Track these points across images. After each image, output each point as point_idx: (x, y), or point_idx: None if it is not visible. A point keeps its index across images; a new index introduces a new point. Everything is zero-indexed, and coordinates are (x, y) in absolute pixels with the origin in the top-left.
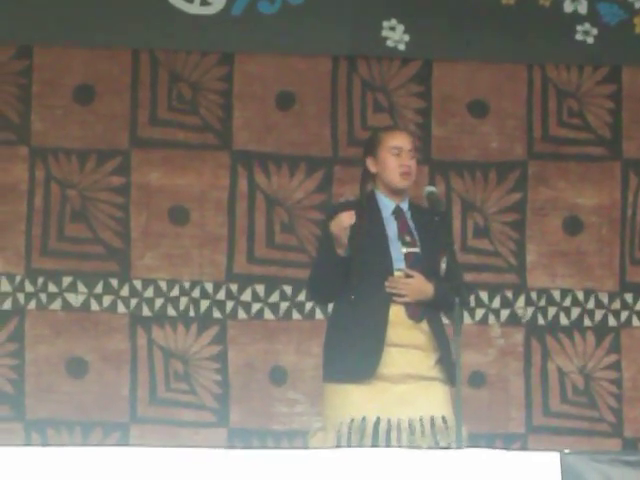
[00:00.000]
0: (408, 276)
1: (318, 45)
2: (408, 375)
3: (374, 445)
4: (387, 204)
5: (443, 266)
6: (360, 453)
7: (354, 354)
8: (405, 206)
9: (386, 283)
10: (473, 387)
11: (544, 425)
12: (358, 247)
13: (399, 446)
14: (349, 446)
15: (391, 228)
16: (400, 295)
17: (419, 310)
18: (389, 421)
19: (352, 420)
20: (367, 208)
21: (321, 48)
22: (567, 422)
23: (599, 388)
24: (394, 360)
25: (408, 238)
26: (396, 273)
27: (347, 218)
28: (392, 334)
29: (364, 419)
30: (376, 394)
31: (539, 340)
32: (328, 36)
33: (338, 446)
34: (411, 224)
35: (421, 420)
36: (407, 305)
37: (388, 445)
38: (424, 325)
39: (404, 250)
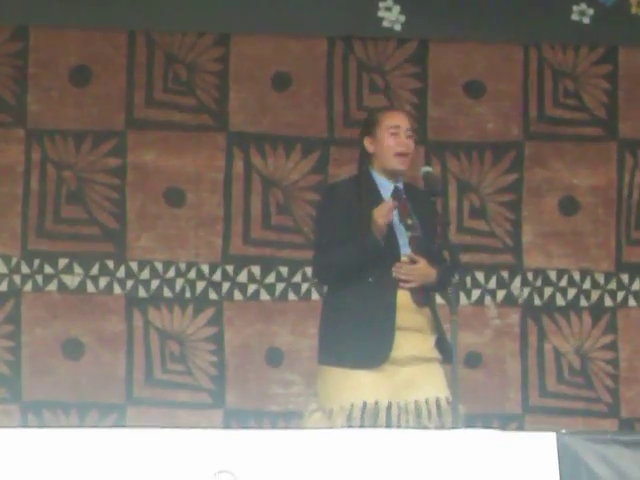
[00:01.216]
0: (413, 261)
1: (314, 26)
2: (413, 357)
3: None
4: (385, 185)
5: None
6: (356, 434)
7: (364, 339)
8: (401, 185)
9: (393, 269)
10: (469, 368)
11: (541, 405)
12: (363, 231)
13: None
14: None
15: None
16: (407, 281)
17: (424, 295)
18: (398, 405)
19: (365, 404)
20: (368, 188)
21: (317, 29)
22: (563, 402)
23: (595, 368)
24: (400, 343)
25: (410, 221)
26: (402, 258)
27: (389, 207)
28: (398, 318)
29: (377, 403)
30: (385, 377)
31: (535, 320)
32: (324, 17)
33: (349, 427)
34: (409, 206)
35: (427, 402)
36: (412, 290)
37: (398, 428)
38: (426, 308)
39: (408, 234)
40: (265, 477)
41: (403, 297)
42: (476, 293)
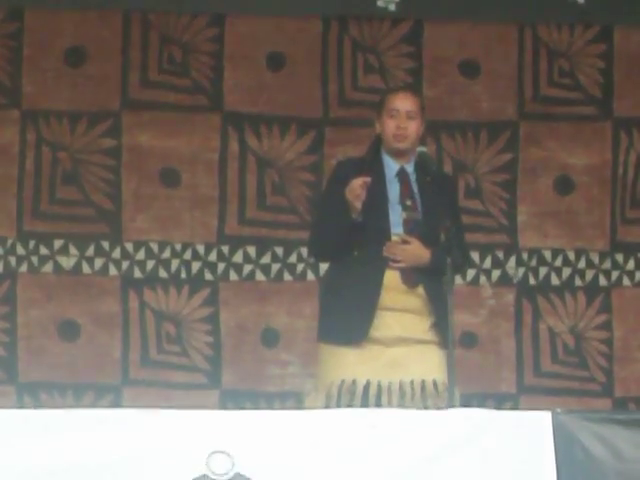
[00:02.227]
0: (405, 241)
1: (308, 6)
2: (401, 338)
3: (363, 407)
4: (391, 165)
5: (443, 232)
6: (352, 414)
7: (347, 317)
8: (410, 168)
9: (384, 247)
10: (464, 348)
11: (535, 385)
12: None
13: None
14: (338, 406)
15: (393, 190)
16: (396, 260)
17: (414, 276)
18: (379, 384)
19: (343, 382)
20: (372, 167)
21: (311, 9)
22: (558, 382)
23: (590, 348)
24: (387, 324)
25: (409, 202)
26: (393, 238)
27: (359, 184)
28: (386, 298)
29: (354, 382)
30: (368, 357)
31: (530, 300)
32: None
33: (327, 407)
34: (415, 187)
35: (412, 383)
36: (402, 270)
37: (378, 407)
38: (420, 290)
39: (404, 215)
40: (261, 457)
41: (392, 277)
42: (471, 273)
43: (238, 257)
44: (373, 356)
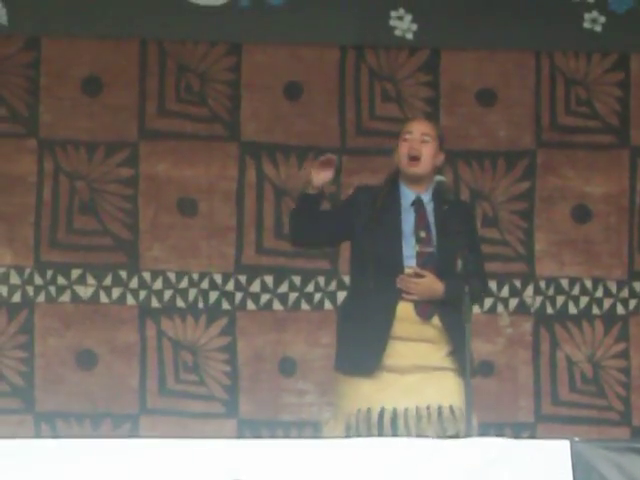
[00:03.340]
0: (418, 275)
1: (326, 35)
2: (417, 366)
3: (380, 435)
4: (407, 194)
5: (460, 262)
6: (368, 442)
7: (360, 347)
8: (427, 197)
9: (397, 280)
10: (482, 376)
11: (553, 414)
12: (372, 237)
13: (406, 435)
14: (357, 436)
15: (408, 221)
16: (409, 293)
17: (428, 308)
18: (395, 410)
19: (359, 411)
20: (387, 196)
21: (329, 38)
22: (576, 411)
23: (607, 377)
24: (401, 352)
25: (423, 234)
26: (407, 270)
27: (324, 159)
28: (400, 329)
29: (369, 410)
30: (383, 385)
31: (548, 329)
32: (336, 26)
33: (347, 436)
34: (431, 217)
35: (428, 409)
36: (416, 303)
37: (395, 434)
38: (435, 320)
39: (417, 247)
40: None
41: (406, 309)
42: (489, 301)
43: (255, 286)
44: (388, 384)
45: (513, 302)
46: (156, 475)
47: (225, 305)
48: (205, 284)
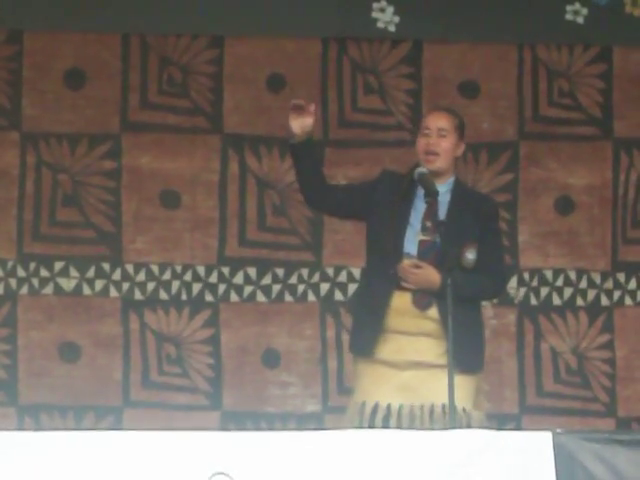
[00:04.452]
0: (417, 266)
1: (308, 27)
2: (414, 362)
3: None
4: None
5: (470, 257)
6: (351, 435)
7: (360, 335)
8: (444, 188)
9: (397, 268)
10: None
11: (538, 405)
12: (380, 222)
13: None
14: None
15: (418, 210)
16: (406, 282)
17: (425, 298)
18: (389, 407)
19: (355, 403)
20: (409, 185)
21: (311, 30)
22: (561, 402)
23: (592, 368)
24: (400, 348)
25: (429, 224)
26: (405, 260)
27: (297, 105)
28: (399, 322)
29: (364, 403)
30: (379, 380)
31: (532, 320)
32: (318, 18)
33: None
34: (443, 209)
35: (421, 408)
36: (414, 293)
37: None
38: (433, 313)
39: (420, 236)
40: (262, 479)
41: (403, 299)
42: None
43: (239, 278)
44: (384, 379)
45: None
46: (140, 467)
47: (208, 297)
48: (188, 276)
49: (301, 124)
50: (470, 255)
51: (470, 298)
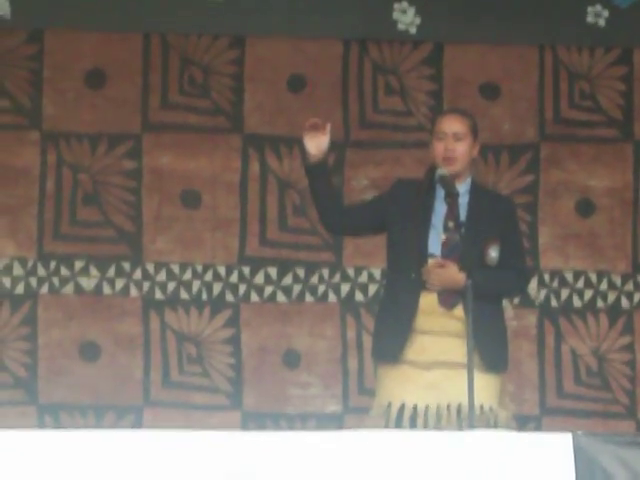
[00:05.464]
0: (441, 265)
1: (329, 28)
2: (440, 362)
3: (398, 430)
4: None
5: (493, 254)
6: (371, 436)
7: (387, 338)
8: (463, 188)
9: (421, 270)
10: None
11: (558, 407)
12: (402, 228)
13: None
14: (376, 429)
15: (439, 211)
16: (431, 284)
17: (451, 298)
18: (415, 407)
19: (380, 405)
20: (428, 191)
21: (332, 31)
22: (581, 404)
23: (613, 370)
24: (425, 347)
25: (451, 224)
26: (430, 261)
27: (313, 122)
28: (424, 322)
29: (390, 404)
30: (406, 380)
31: (552, 322)
32: (339, 19)
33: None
34: (463, 209)
35: (448, 407)
36: (440, 293)
37: (413, 430)
38: (459, 312)
39: (443, 237)
40: (282, 479)
41: (429, 300)
42: None
43: (259, 278)
44: (410, 379)
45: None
46: (160, 467)
47: (229, 297)
48: (209, 276)
49: (317, 144)
50: (493, 252)
51: (494, 295)
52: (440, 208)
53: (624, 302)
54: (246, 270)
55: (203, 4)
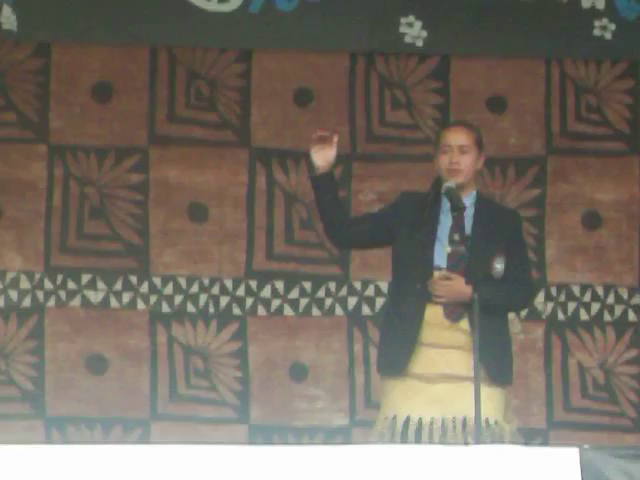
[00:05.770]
0: (447, 278)
1: (336, 41)
2: (445, 375)
3: (403, 443)
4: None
5: (498, 267)
6: (379, 450)
7: (392, 351)
8: (468, 201)
9: (427, 283)
10: None
11: (565, 420)
12: (408, 241)
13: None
14: (382, 443)
15: (445, 224)
16: (437, 296)
17: (457, 310)
18: (420, 420)
19: (385, 418)
20: (434, 204)
21: (339, 44)
22: (588, 417)
23: (620, 383)
24: (431, 361)
25: (457, 237)
26: (436, 273)
27: (320, 134)
28: (429, 335)
29: (395, 417)
30: (411, 393)
31: (559, 335)
32: (346, 32)
33: (374, 442)
34: (468, 222)
35: (454, 420)
36: (445, 305)
37: (418, 444)
38: (464, 325)
39: (449, 249)
40: None
41: (435, 312)
42: None
43: (266, 292)
44: (416, 392)
45: None
46: None
47: (236, 311)
48: (216, 289)
49: (324, 156)
50: (499, 265)
51: (500, 308)
52: (445, 221)
53: (631, 315)
54: (253, 284)
55: (210, 17)
